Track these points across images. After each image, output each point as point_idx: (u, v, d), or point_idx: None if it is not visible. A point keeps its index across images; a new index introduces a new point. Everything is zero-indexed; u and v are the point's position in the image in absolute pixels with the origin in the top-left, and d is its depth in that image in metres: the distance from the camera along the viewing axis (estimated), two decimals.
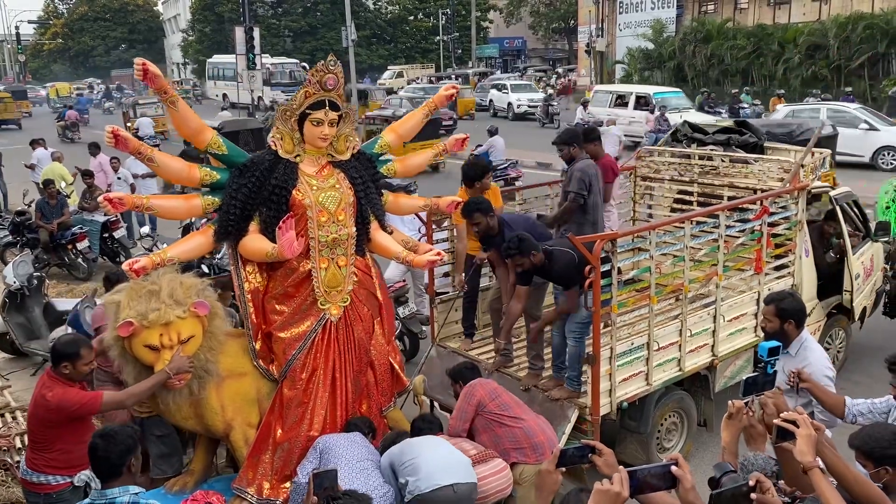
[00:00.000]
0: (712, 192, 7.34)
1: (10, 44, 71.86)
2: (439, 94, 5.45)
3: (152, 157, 4.52)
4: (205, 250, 5.05)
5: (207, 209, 4.78)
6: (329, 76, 4.64)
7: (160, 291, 4.36)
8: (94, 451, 3.33)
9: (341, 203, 4.83)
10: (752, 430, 2.97)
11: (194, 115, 4.69)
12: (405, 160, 5.53)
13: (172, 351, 4.34)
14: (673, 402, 5.87)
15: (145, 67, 4.28)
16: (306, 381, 4.83)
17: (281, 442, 4.79)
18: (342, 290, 4.91)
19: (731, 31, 32.37)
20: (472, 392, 4.96)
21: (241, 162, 4.76)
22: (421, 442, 4.51)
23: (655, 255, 5.47)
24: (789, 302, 4.17)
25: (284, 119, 4.80)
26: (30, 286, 8.17)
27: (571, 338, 5.28)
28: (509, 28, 59.54)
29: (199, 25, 58.73)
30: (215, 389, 4.68)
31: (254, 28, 32.27)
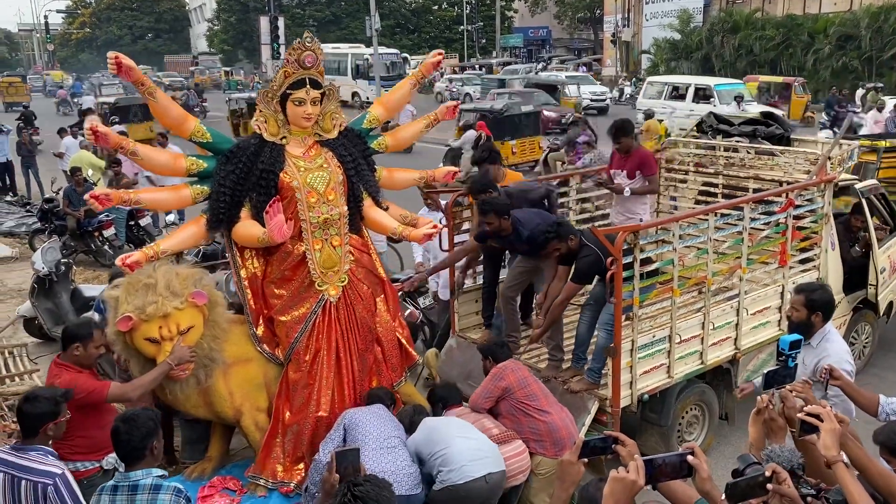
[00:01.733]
0: (737, 184, 7.25)
1: (39, 33, 72.85)
2: (426, 62, 5.32)
3: (135, 151, 4.51)
4: (199, 240, 5.04)
5: (197, 199, 4.76)
6: (307, 53, 4.57)
7: (156, 284, 4.36)
8: (117, 435, 3.39)
9: (330, 183, 4.79)
10: (773, 423, 2.95)
11: (175, 104, 4.67)
12: (396, 133, 5.47)
13: (173, 342, 4.36)
14: (694, 395, 5.83)
15: (118, 61, 4.23)
16: (310, 363, 4.83)
17: (290, 425, 4.82)
18: (339, 270, 4.89)
19: (759, 21, 31.96)
20: (501, 375, 4.93)
21: (227, 148, 4.74)
22: (448, 429, 4.50)
23: (679, 247, 5.43)
24: (820, 294, 4.14)
25: (266, 101, 4.74)
26: (58, 272, 8.29)
27: (603, 329, 5.25)
28: (534, 18, 59.14)
29: (224, 15, 59.10)
30: (222, 377, 4.72)
31: (278, 18, 32.41)
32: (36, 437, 3.47)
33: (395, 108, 5.38)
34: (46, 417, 3.48)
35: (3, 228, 13.45)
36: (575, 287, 5.41)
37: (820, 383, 3.77)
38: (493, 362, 5.10)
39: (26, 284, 9.30)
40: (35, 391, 3.61)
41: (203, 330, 4.55)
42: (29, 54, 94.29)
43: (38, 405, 3.48)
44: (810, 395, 3.05)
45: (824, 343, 4.10)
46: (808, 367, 3.97)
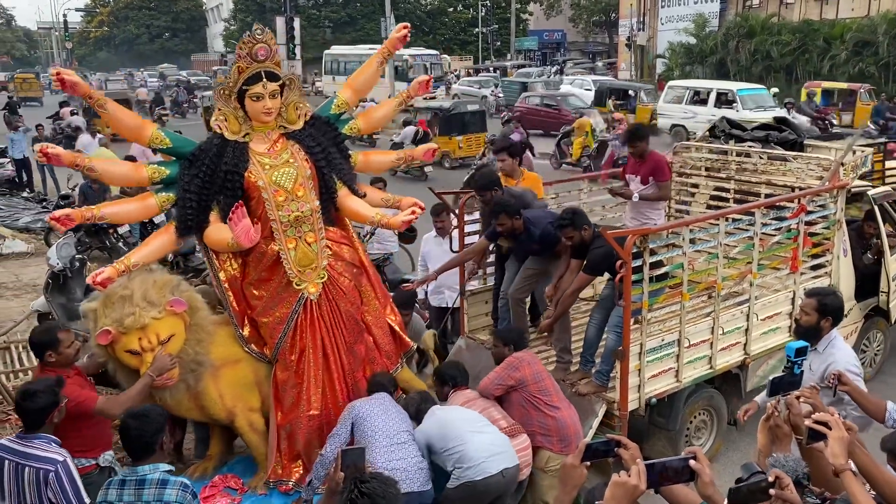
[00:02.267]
0: (749, 189, 7.23)
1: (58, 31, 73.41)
2: (391, 38, 5.09)
3: (92, 168, 4.38)
4: (170, 249, 4.88)
5: (164, 206, 4.63)
6: (259, 46, 4.40)
7: (133, 295, 4.26)
8: (127, 431, 3.45)
9: (298, 178, 4.62)
10: (778, 430, 2.95)
11: (129, 112, 4.55)
12: (368, 114, 5.26)
13: (154, 353, 4.25)
14: (703, 399, 5.82)
15: (60, 77, 4.09)
16: (297, 363, 4.75)
17: (282, 424, 4.80)
18: (316, 266, 4.74)
19: (776, 26, 31.73)
20: (517, 366, 4.91)
21: (189, 152, 4.58)
22: (462, 423, 4.49)
23: (689, 251, 5.43)
24: (832, 299, 4.15)
25: (224, 99, 4.58)
26: (72, 268, 8.35)
27: (612, 332, 5.25)
28: (549, 21, 59.05)
29: (240, 15, 59.29)
30: (212, 380, 4.66)
31: (294, 18, 32.50)
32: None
33: (364, 90, 5.18)
34: (49, 409, 3.53)
35: (19, 224, 13.58)
36: (586, 278, 5.40)
37: (828, 389, 3.77)
38: (511, 350, 5.05)
39: (41, 280, 9.38)
40: (30, 386, 3.62)
41: (187, 335, 4.45)
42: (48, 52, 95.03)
43: (39, 399, 3.51)
44: (818, 401, 3.05)
45: (830, 349, 4.10)
46: (816, 372, 3.97)
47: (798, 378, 3.17)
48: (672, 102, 23.54)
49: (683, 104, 22.88)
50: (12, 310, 9.36)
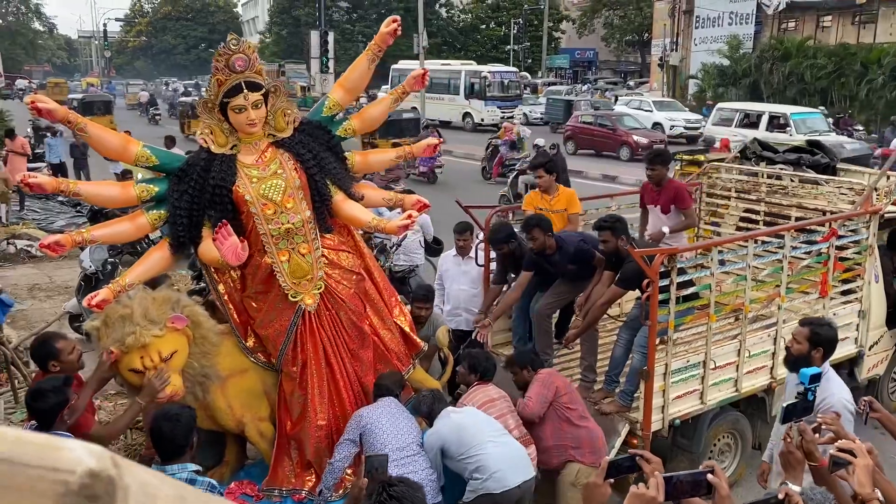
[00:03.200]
0: (780, 211, 7.18)
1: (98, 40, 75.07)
2: (381, 32, 4.75)
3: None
4: (166, 266, 4.73)
5: (156, 224, 4.49)
6: (236, 57, 4.24)
7: (133, 314, 4.18)
8: (160, 432, 3.50)
9: (287, 190, 4.46)
10: (791, 456, 2.92)
11: (110, 133, 4.44)
12: (363, 114, 5.03)
13: (157, 371, 4.19)
14: (727, 422, 5.76)
15: (34, 105, 3.94)
16: (300, 374, 4.69)
17: (292, 434, 4.79)
18: (312, 278, 4.60)
19: (811, 49, 31.46)
20: (550, 379, 4.91)
21: (177, 167, 4.46)
22: (479, 430, 4.44)
23: (717, 272, 5.39)
24: (826, 330, 4.04)
25: (208, 112, 4.44)
26: (104, 271, 8.52)
27: (638, 352, 5.22)
28: (581, 39, 59.11)
29: (276, 28, 60.23)
30: (220, 390, 4.64)
31: (328, 33, 32.90)
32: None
33: (356, 89, 4.93)
34: (58, 407, 3.58)
35: (54, 227, 13.86)
36: (618, 291, 5.39)
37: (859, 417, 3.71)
38: (531, 371, 5.03)
39: (73, 282, 9.58)
40: (39, 386, 3.64)
41: (192, 348, 4.41)
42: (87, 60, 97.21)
43: (48, 399, 3.56)
44: (841, 428, 3.01)
45: (825, 382, 3.94)
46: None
47: (811, 404, 3.16)
48: (720, 125, 22.64)
49: (733, 127, 21.85)
50: (45, 311, 9.54)
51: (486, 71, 34.29)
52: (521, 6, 55.65)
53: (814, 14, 36.11)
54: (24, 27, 67.09)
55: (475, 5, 59.22)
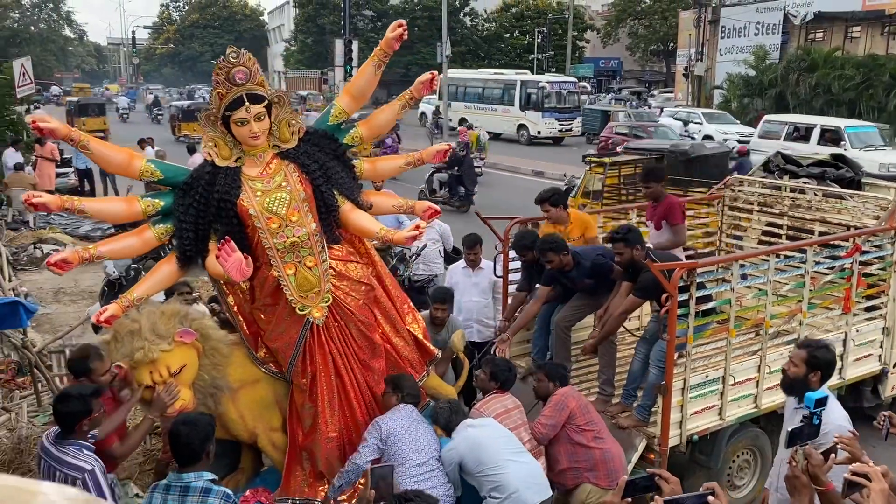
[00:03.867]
0: (802, 225, 7.11)
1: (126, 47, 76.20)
2: (387, 38, 4.65)
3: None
4: (175, 279, 4.68)
5: (162, 238, 4.46)
6: (237, 70, 4.19)
7: (141, 329, 4.17)
8: (177, 437, 3.54)
9: (291, 203, 4.40)
10: (797, 480, 2.89)
11: (114, 150, 4.41)
12: (370, 121, 4.88)
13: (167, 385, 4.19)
14: (747, 439, 5.70)
15: (36, 126, 3.95)
16: (310, 386, 4.66)
17: (304, 446, 4.78)
18: (319, 290, 4.53)
19: (839, 60, 31.10)
20: (564, 403, 4.86)
21: (182, 181, 4.44)
22: (498, 448, 4.42)
23: (738, 287, 5.35)
24: (823, 353, 3.94)
25: (211, 125, 4.39)
26: (127, 277, 8.63)
27: (655, 366, 5.19)
28: (605, 48, 59.00)
29: (301, 36, 60.70)
30: (231, 401, 4.63)
31: (352, 41, 33.09)
32: (73, 433, 3.60)
33: (363, 96, 4.80)
34: (79, 416, 3.62)
35: (79, 232, 14.07)
36: (636, 301, 5.35)
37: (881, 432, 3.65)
38: (556, 385, 4.98)
39: (97, 287, 9.71)
40: (67, 390, 3.72)
41: (202, 361, 4.40)
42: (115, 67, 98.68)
43: (70, 404, 3.61)
44: (857, 450, 2.97)
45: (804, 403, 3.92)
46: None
47: (817, 428, 3.12)
48: (767, 138, 21.13)
49: (781, 140, 20.29)
50: (69, 315, 9.68)
51: (545, 81, 32.83)
52: (546, 15, 55.68)
53: (842, 25, 35.74)
54: (55, 34, 68.25)
55: (499, 14, 59.30)
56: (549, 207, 6.42)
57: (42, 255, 12.23)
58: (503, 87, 33.74)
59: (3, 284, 9.79)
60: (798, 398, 3.89)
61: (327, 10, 57.25)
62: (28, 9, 67.45)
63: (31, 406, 6.63)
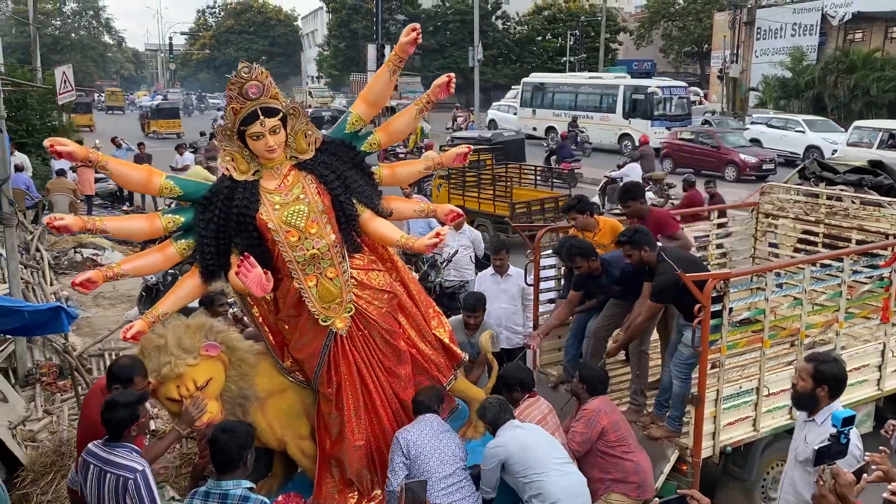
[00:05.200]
0: (839, 233, 6.99)
1: (164, 53, 77.55)
2: (400, 42, 4.52)
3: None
4: (199, 294, 4.70)
5: (185, 253, 4.47)
6: (250, 84, 4.18)
7: (167, 343, 4.21)
8: (216, 444, 3.62)
9: (310, 215, 4.39)
10: (824, 500, 2.86)
11: (132, 166, 4.46)
12: (388, 126, 4.84)
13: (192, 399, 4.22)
14: (781, 450, 5.58)
15: (53, 150, 3.97)
16: (335, 396, 4.67)
17: (332, 454, 4.80)
18: (341, 301, 4.53)
19: (878, 61, 30.51)
20: (596, 419, 4.83)
21: (202, 196, 4.45)
22: (546, 454, 4.41)
23: (772, 296, 5.29)
24: (830, 366, 3.81)
25: (227, 139, 4.41)
26: (164, 282, 8.79)
27: (675, 377, 5.17)
28: (639, 50, 58.54)
29: (334, 41, 61.19)
30: (260, 411, 4.67)
31: (385, 46, 33.25)
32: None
33: (379, 103, 4.76)
34: (126, 423, 3.70)
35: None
36: (654, 307, 5.27)
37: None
38: (589, 394, 4.96)
39: (136, 291, 9.91)
40: (114, 398, 3.77)
41: (230, 371, 4.45)
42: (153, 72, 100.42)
43: (118, 412, 3.68)
44: (891, 469, 2.94)
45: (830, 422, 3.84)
46: (811, 445, 3.58)
47: (844, 447, 3.08)
48: (858, 146, 20.00)
49: (874, 148, 19.08)
50: (108, 318, 9.89)
51: (655, 85, 29.79)
52: (578, 18, 55.42)
53: (882, 25, 35.08)
54: (95, 41, 69.69)
55: (531, 17, 59.18)
56: (575, 215, 6.39)
57: (82, 259, 12.50)
58: (601, 92, 31.09)
59: (45, 288, 10.06)
60: (808, 412, 3.83)
61: (360, 14, 57.69)
62: (69, 16, 68.99)
63: (71, 409, 6.79)
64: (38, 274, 10.38)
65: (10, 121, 16.21)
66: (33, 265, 10.58)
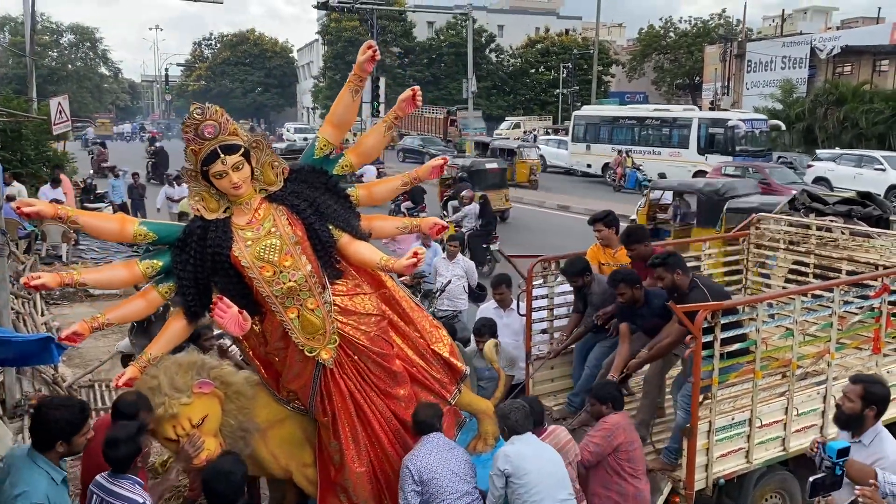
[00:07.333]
0: (830, 264, 7.03)
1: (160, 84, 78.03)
2: (358, 61, 4.56)
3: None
4: (187, 334, 4.64)
5: (167, 296, 4.44)
6: (205, 124, 4.13)
7: (160, 384, 4.21)
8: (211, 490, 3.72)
9: (283, 248, 4.33)
10: None
11: (103, 219, 4.48)
12: (358, 147, 4.79)
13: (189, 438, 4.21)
14: (775, 482, 5.60)
15: (20, 211, 3.97)
16: (331, 424, 4.63)
17: (337, 481, 4.76)
18: (325, 332, 4.45)
19: (867, 94, 30.91)
20: (614, 433, 4.78)
21: (176, 238, 4.41)
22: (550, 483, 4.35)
23: (763, 327, 5.30)
24: (879, 388, 3.91)
25: (194, 180, 4.36)
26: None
27: (682, 408, 5.14)
28: (631, 83, 59.23)
29: (329, 73, 61.71)
30: (262, 442, 4.66)
31: (379, 78, 33.58)
32: (127, 470, 3.69)
33: (345, 124, 4.70)
34: (131, 457, 3.71)
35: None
36: (681, 330, 5.14)
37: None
38: (609, 408, 4.90)
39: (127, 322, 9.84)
40: (114, 435, 3.74)
41: (227, 406, 4.44)
42: (148, 103, 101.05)
43: (120, 448, 3.68)
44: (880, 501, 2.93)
45: (879, 443, 3.85)
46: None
47: (839, 479, 3.08)
48: None
49: None
50: (99, 349, 9.81)
51: (737, 118, 26.88)
52: (571, 51, 56.12)
53: (869, 58, 35.60)
54: (91, 72, 70.15)
55: (525, 50, 59.92)
56: (601, 227, 6.38)
57: (73, 289, 12.45)
58: (670, 125, 29.00)
59: (37, 318, 10.00)
60: (852, 434, 3.86)
61: (355, 47, 57.68)
62: (66, 48, 69.48)
63: None
64: (29, 304, 10.33)
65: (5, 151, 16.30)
66: (25, 295, 10.52)
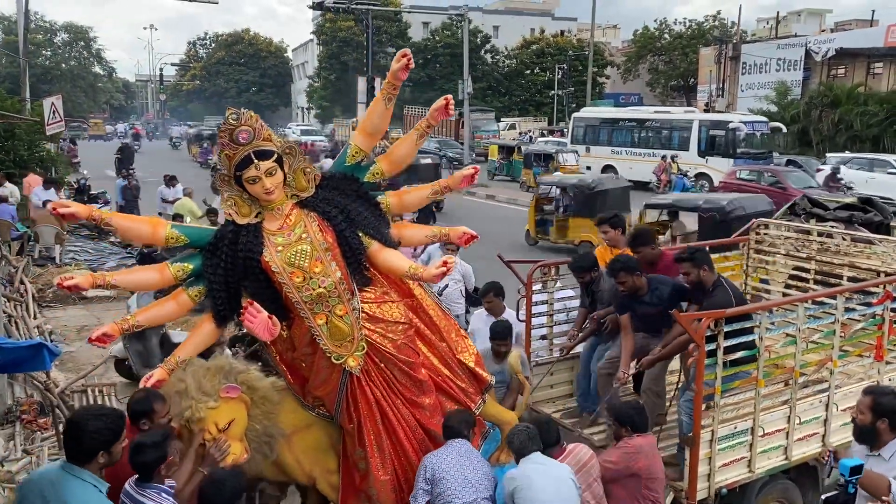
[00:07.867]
0: (831, 270, 6.99)
1: (154, 84, 77.82)
2: (392, 70, 4.58)
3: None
4: (216, 337, 4.67)
5: (197, 300, 4.45)
6: (240, 130, 4.18)
7: (188, 388, 4.24)
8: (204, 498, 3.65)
9: (313, 254, 4.35)
10: None
11: (137, 222, 4.50)
12: (389, 155, 4.81)
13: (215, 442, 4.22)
14: (777, 491, 5.54)
15: (56, 212, 4.06)
16: (357, 432, 4.62)
17: (362, 489, 4.74)
18: (353, 339, 4.47)
19: (862, 96, 31.00)
20: (636, 458, 4.65)
21: (208, 242, 4.44)
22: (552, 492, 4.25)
23: (765, 336, 5.24)
24: (890, 399, 3.85)
25: (227, 185, 4.40)
26: None
27: (685, 414, 5.07)
28: (626, 84, 59.32)
29: (324, 73, 61.63)
30: (287, 447, 4.64)
31: (375, 78, 33.48)
32: (152, 479, 3.64)
33: (378, 132, 4.72)
34: (157, 463, 3.67)
35: (104, 269, 14.20)
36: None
37: None
38: (629, 431, 4.76)
39: None
40: (140, 440, 3.72)
41: (253, 410, 4.43)
42: (143, 102, 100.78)
43: (146, 454, 3.64)
44: None
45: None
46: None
47: (852, 498, 3.03)
48: None
49: None
50: (92, 353, 9.70)
51: (738, 120, 26.90)
52: (566, 52, 56.18)
53: (864, 61, 35.74)
54: (85, 71, 69.80)
55: (520, 51, 59.94)
56: (608, 228, 6.39)
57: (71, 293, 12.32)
58: (670, 127, 28.81)
59: (29, 322, 9.89)
60: (870, 447, 3.83)
61: (350, 47, 58.22)
62: (60, 47, 69.15)
63: (52, 448, 6.62)
64: (21, 307, 10.21)
65: None
66: (17, 298, 10.42)
